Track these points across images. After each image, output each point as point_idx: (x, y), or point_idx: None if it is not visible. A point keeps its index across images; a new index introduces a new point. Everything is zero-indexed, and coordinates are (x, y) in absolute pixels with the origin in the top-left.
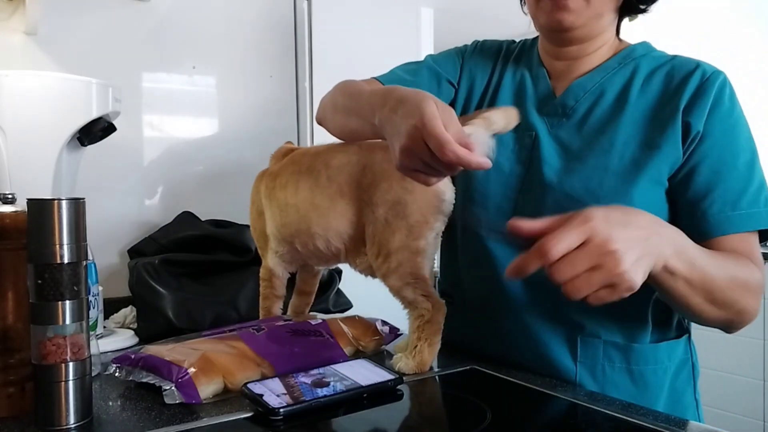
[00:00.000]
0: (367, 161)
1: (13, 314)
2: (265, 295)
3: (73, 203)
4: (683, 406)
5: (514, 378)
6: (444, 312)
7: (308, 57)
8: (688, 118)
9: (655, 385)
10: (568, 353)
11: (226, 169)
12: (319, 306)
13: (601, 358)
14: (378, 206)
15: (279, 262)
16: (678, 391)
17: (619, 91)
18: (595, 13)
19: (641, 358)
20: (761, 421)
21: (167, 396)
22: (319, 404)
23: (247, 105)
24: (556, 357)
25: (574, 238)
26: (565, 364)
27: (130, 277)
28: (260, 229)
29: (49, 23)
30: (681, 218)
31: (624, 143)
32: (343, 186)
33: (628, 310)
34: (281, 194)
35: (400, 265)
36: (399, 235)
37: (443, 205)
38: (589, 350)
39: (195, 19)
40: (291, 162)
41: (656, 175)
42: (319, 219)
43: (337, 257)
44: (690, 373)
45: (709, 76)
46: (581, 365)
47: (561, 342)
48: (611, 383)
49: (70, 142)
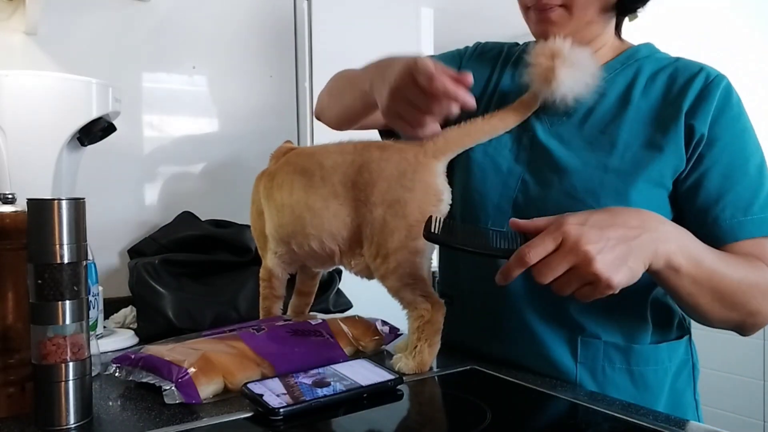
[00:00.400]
0: (364, 160)
1: (13, 314)
2: (265, 295)
3: (73, 203)
4: (683, 406)
5: (514, 378)
6: (443, 312)
7: (308, 57)
8: (691, 121)
9: (656, 385)
10: (569, 353)
11: (226, 169)
12: (319, 306)
13: (602, 359)
14: (376, 206)
15: (278, 263)
16: (678, 391)
17: (622, 91)
18: (580, 23)
19: (642, 358)
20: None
21: (167, 396)
22: (319, 404)
23: (247, 105)
24: (557, 357)
25: (549, 244)
26: (565, 364)
27: (130, 277)
28: (260, 229)
29: (49, 23)
30: (691, 225)
31: (625, 143)
32: (337, 186)
33: (628, 310)
34: (278, 195)
35: (399, 265)
36: (398, 235)
37: (441, 205)
38: (590, 351)
39: (195, 19)
40: (287, 162)
41: (657, 177)
42: (313, 220)
43: (332, 259)
44: (690, 373)
45: (713, 79)
46: (581, 366)
47: (561, 342)
48: (611, 384)
49: (70, 142)
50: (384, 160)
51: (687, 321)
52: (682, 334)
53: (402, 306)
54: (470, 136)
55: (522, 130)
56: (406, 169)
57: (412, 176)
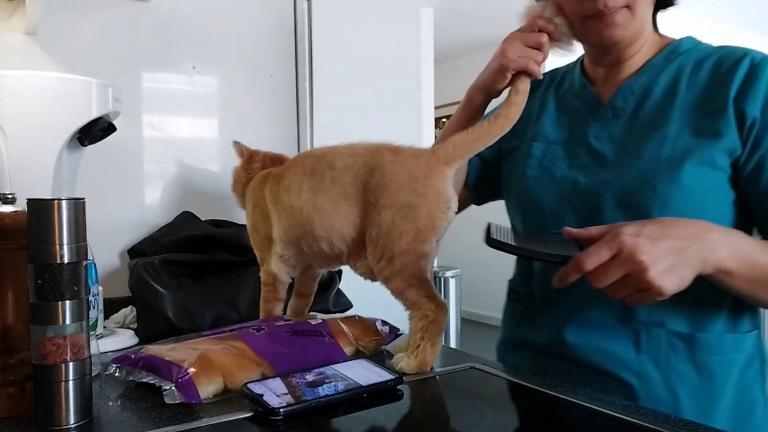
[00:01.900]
0: (376, 162)
1: (13, 314)
2: (267, 298)
3: (73, 203)
4: (751, 401)
5: (514, 378)
6: (446, 312)
7: (308, 57)
8: (741, 106)
9: (721, 376)
10: (631, 343)
11: (226, 169)
12: (319, 306)
13: (665, 347)
14: (386, 208)
15: (283, 267)
16: (746, 386)
17: (667, 86)
18: (642, 21)
19: (706, 348)
20: None
21: (167, 396)
22: (319, 404)
23: (247, 105)
24: (616, 347)
25: (605, 253)
26: (626, 353)
27: (130, 277)
28: (264, 232)
29: (49, 23)
30: (758, 211)
31: (675, 134)
32: (348, 187)
33: (699, 299)
34: (285, 197)
35: (404, 267)
36: (405, 239)
37: (449, 212)
38: (652, 339)
39: (195, 19)
40: (294, 164)
41: (708, 159)
42: (322, 221)
43: (340, 259)
44: (759, 368)
45: (759, 61)
46: (644, 354)
47: (622, 331)
48: (674, 372)
49: (70, 142)
50: (397, 163)
51: (759, 317)
52: (752, 329)
53: (405, 306)
54: (479, 140)
55: (575, 140)
56: (418, 174)
57: (425, 182)
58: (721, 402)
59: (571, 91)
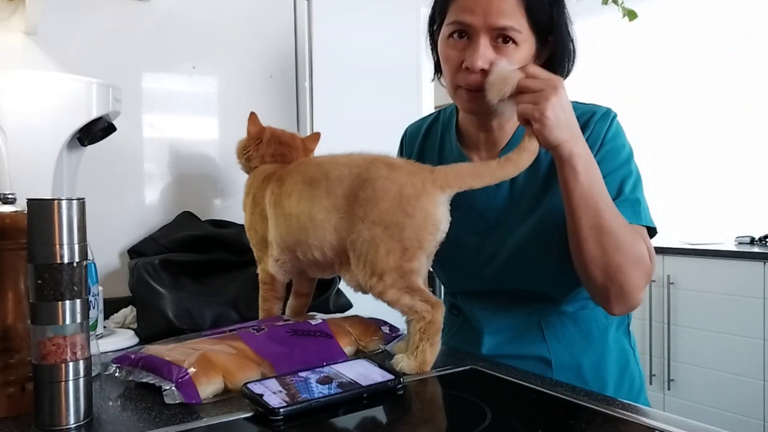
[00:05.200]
0: (369, 176)
1: (13, 314)
2: (266, 297)
3: (73, 203)
4: (625, 352)
5: (514, 378)
6: (443, 311)
7: (308, 57)
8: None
9: (601, 339)
10: (537, 328)
11: (226, 169)
12: (319, 306)
13: (559, 325)
14: (374, 224)
15: (279, 270)
16: (619, 341)
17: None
18: None
19: (585, 320)
20: (761, 421)
21: (167, 396)
22: (319, 404)
23: (247, 105)
24: (527, 333)
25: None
26: (536, 335)
27: (130, 277)
28: (262, 233)
29: (49, 23)
30: None
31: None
32: (340, 199)
33: (582, 290)
34: (286, 203)
35: (394, 281)
36: (393, 257)
37: (438, 234)
38: (550, 322)
39: (195, 19)
40: (296, 171)
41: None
42: (315, 231)
43: (332, 267)
44: (625, 329)
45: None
46: (548, 333)
47: (528, 319)
48: (569, 342)
49: (70, 142)
50: (390, 180)
51: None
52: None
53: (402, 313)
54: (480, 177)
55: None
56: (410, 195)
57: (415, 203)
58: (608, 356)
59: (452, 158)
